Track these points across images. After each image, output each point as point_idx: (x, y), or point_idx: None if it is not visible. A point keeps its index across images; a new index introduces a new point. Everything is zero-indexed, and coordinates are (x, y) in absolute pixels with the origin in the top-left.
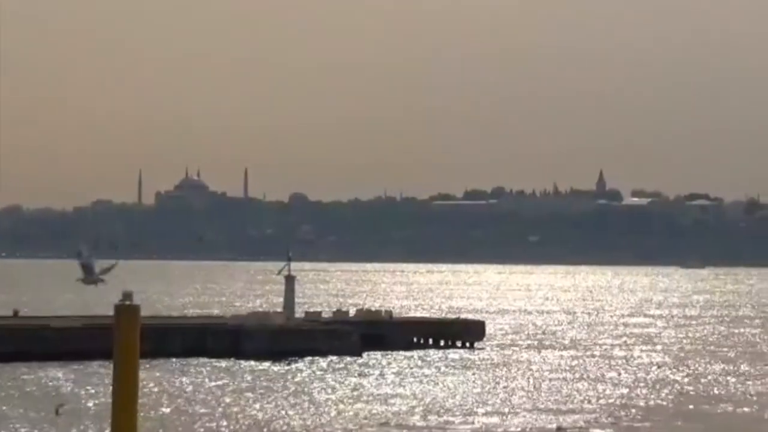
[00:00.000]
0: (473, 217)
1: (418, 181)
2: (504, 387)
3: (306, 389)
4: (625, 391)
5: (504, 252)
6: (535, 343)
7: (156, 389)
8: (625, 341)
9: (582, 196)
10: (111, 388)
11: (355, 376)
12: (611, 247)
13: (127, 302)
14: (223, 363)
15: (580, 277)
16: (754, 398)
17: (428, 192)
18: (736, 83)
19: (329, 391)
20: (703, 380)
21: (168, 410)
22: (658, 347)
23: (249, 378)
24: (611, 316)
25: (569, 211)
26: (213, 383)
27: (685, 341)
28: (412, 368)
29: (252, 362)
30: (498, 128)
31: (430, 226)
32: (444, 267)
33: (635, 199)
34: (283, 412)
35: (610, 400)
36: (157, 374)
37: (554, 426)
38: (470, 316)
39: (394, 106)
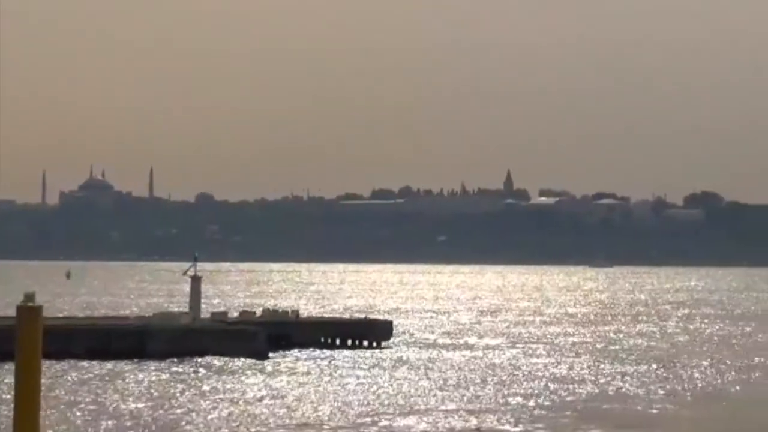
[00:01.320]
0: (381, 217)
1: (326, 181)
2: (412, 387)
3: (211, 390)
4: (532, 389)
5: (412, 252)
6: (444, 342)
7: (57, 392)
8: (532, 340)
9: (489, 195)
10: (12, 390)
11: (262, 377)
12: (519, 246)
13: (29, 303)
14: (127, 365)
15: (487, 276)
16: (653, 398)
17: (335, 192)
18: (642, 83)
19: (235, 392)
20: (605, 379)
21: (69, 414)
22: (565, 346)
23: (153, 379)
24: (520, 315)
25: (477, 211)
26: (117, 384)
27: (592, 339)
28: (319, 368)
29: (157, 363)
30: (405, 127)
31: (338, 225)
32: (351, 267)
33: (543, 198)
34: (188, 416)
35: (519, 399)
36: (59, 376)
37: (473, 426)
38: (378, 316)
39: (301, 106)
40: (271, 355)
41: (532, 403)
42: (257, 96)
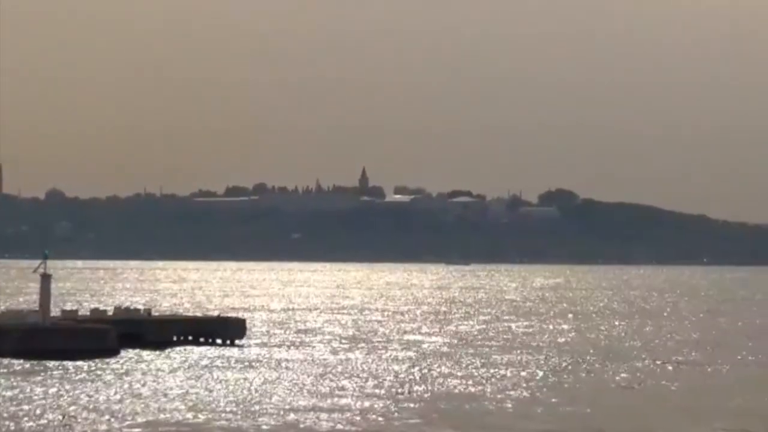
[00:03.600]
0: (235, 214)
1: (179, 178)
2: (264, 384)
3: (62, 389)
4: (385, 387)
5: (266, 249)
6: (297, 340)
7: None
8: (388, 338)
9: (344, 193)
10: None
11: (113, 375)
12: (374, 244)
13: None
14: None
15: (343, 274)
16: (514, 394)
17: (189, 189)
18: (500, 82)
19: (85, 390)
20: (462, 374)
21: None
22: (423, 344)
23: (1, 380)
24: (374, 313)
25: (332, 208)
26: None
27: (450, 337)
28: (171, 366)
29: (5, 361)
30: (259, 125)
31: (191, 223)
32: (206, 264)
33: (398, 196)
34: (37, 413)
35: (372, 397)
36: None
37: (322, 423)
38: (232, 314)
39: (153, 104)
40: (122, 353)
41: (377, 401)
42: (109, 93)
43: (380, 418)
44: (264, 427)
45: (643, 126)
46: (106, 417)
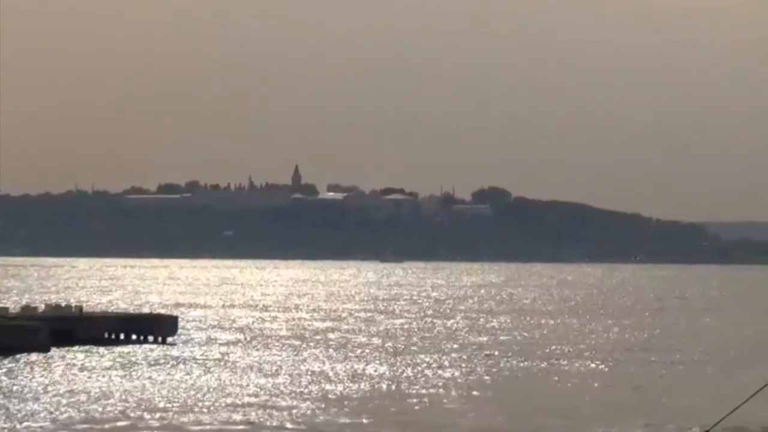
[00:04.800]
0: (167, 212)
1: (111, 175)
2: (195, 382)
3: None
4: (317, 384)
5: (199, 246)
6: (229, 338)
7: None
8: (320, 335)
9: (277, 190)
10: None
11: (43, 372)
12: (307, 241)
13: None
14: None
15: (276, 271)
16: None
17: (121, 186)
18: (427, 78)
19: (15, 387)
20: (398, 372)
21: None
22: (351, 342)
23: None
24: (307, 311)
25: (265, 206)
26: None
27: (377, 335)
28: (102, 364)
29: None
30: (192, 122)
31: (124, 220)
32: (138, 261)
33: (331, 193)
34: None
35: (305, 395)
36: None
37: (250, 422)
38: (164, 311)
39: (86, 100)
40: (54, 350)
41: (306, 398)
42: (40, 88)
43: (309, 416)
44: (192, 425)
45: (576, 125)
46: (35, 415)
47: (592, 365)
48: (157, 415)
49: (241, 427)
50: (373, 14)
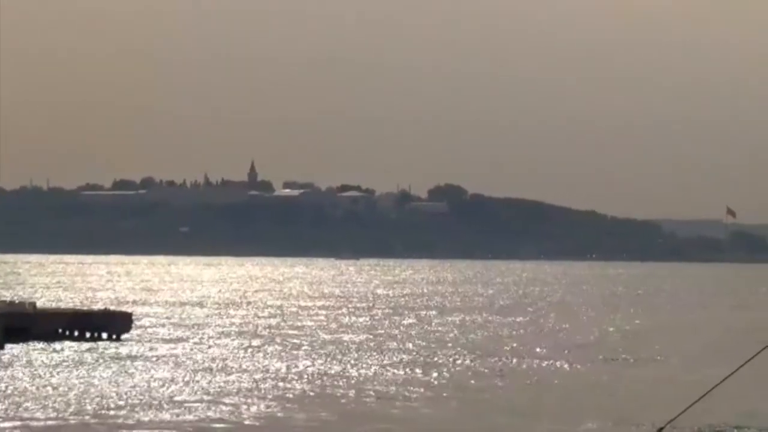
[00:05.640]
0: (122, 208)
1: (66, 171)
2: (149, 379)
3: None
4: (269, 381)
5: (154, 243)
6: (183, 335)
7: None
8: (273, 332)
9: (233, 186)
10: None
11: None
12: (263, 238)
13: None
14: None
15: (231, 268)
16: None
17: (76, 182)
18: (389, 75)
19: None
20: (349, 369)
21: None
22: (302, 338)
23: None
24: (260, 308)
25: (220, 202)
26: None
27: (336, 331)
28: (55, 360)
29: None
30: (148, 118)
31: (79, 216)
32: (92, 258)
33: (287, 190)
34: None
35: (257, 391)
36: None
37: (206, 419)
38: (119, 308)
39: (39, 95)
40: (7, 346)
41: (259, 395)
42: None
43: (262, 413)
44: (143, 422)
45: (532, 121)
46: None
47: (545, 364)
48: (109, 412)
49: (192, 424)
50: (327, 7)
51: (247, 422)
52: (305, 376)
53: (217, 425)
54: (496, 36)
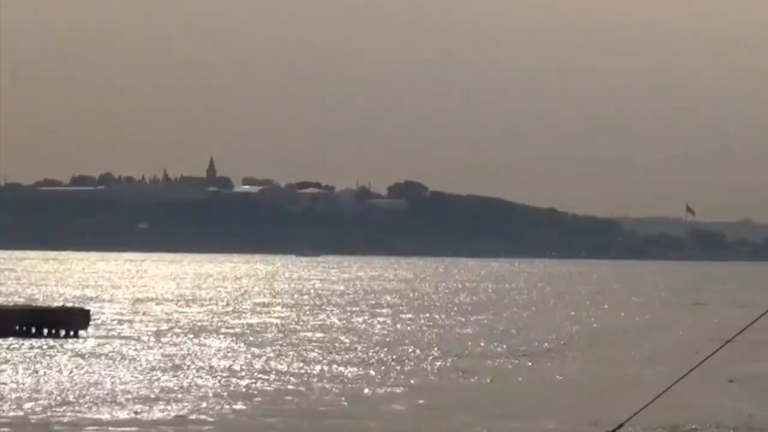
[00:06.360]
0: (80, 204)
1: (23, 167)
2: (106, 377)
3: None
4: (230, 379)
5: (112, 239)
6: (141, 332)
7: None
8: (230, 329)
9: (192, 183)
10: None
11: None
12: (222, 235)
13: None
14: None
15: (189, 265)
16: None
17: (33, 178)
18: (348, 69)
19: None
20: (302, 367)
21: None
22: (253, 335)
23: None
24: (218, 305)
25: (179, 198)
26: None
27: (288, 329)
28: (10, 358)
29: None
30: (106, 113)
31: (36, 212)
32: (50, 254)
33: (246, 186)
34: None
35: (214, 389)
36: None
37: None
38: (76, 305)
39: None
40: None
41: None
42: None
43: (217, 410)
44: (98, 420)
45: (492, 118)
46: None
47: (505, 362)
48: (64, 409)
49: (149, 421)
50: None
51: (203, 419)
52: (263, 374)
53: (174, 423)
54: (457, 33)
